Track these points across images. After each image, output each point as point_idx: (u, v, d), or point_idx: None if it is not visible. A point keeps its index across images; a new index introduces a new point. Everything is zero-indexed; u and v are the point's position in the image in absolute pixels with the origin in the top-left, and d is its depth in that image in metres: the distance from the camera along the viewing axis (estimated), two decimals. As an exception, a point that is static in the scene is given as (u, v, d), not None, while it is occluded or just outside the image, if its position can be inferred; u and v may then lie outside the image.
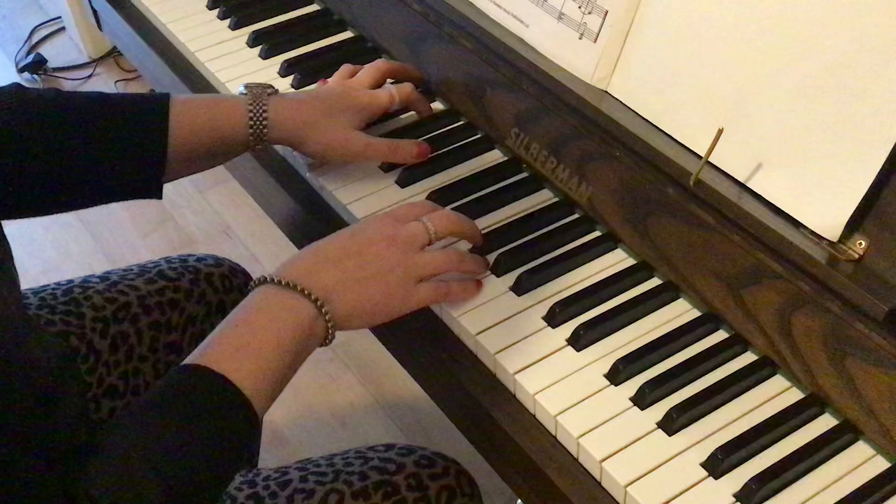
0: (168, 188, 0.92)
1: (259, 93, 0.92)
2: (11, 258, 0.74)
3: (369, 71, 1.01)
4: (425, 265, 0.80)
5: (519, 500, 1.32)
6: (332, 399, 1.70)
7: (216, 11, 1.18)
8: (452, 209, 0.91)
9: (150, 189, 0.90)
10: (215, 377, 0.69)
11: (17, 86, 0.89)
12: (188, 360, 0.71)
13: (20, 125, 0.85)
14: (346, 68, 1.03)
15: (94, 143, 0.87)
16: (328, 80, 1.03)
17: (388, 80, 1.02)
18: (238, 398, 0.69)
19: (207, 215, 2.03)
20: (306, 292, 0.75)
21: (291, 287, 0.75)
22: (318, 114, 0.93)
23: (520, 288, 0.84)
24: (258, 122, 0.91)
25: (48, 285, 1.02)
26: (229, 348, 0.71)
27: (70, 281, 1.03)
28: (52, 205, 0.92)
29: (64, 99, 0.89)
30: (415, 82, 1.03)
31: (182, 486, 0.65)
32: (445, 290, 0.81)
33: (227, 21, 1.16)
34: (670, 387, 0.76)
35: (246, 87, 0.92)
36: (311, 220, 0.96)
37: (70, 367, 0.81)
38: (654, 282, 0.85)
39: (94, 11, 1.32)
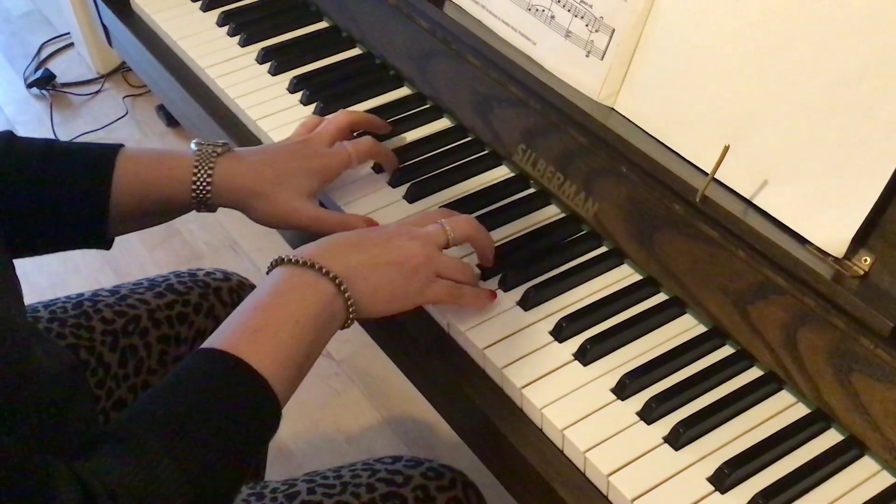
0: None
1: (208, 153, 0.88)
2: (14, 271, 0.73)
3: (329, 126, 0.96)
4: (443, 264, 0.80)
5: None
6: (338, 414, 1.71)
7: (226, 28, 1.19)
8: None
9: (96, 241, 0.89)
10: (232, 360, 0.68)
11: None
12: (205, 343, 0.70)
13: None
14: (309, 120, 0.99)
15: (40, 191, 0.86)
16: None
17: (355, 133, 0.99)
18: (258, 382, 0.68)
19: (214, 230, 2.04)
20: (325, 270, 0.74)
21: (310, 266, 0.74)
22: (265, 182, 0.88)
23: (527, 303, 0.85)
24: (201, 188, 0.88)
25: (58, 298, 1.03)
26: (246, 331, 0.70)
27: (80, 294, 1.03)
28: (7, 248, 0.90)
29: (16, 144, 0.87)
30: (378, 134, 1.01)
31: (202, 470, 0.64)
32: (459, 293, 0.81)
33: (237, 38, 1.17)
34: (677, 402, 0.77)
35: (196, 144, 0.89)
36: (318, 233, 0.97)
37: (78, 378, 0.81)
38: (661, 297, 0.85)
39: (105, 27, 1.33)
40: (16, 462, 0.58)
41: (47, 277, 1.96)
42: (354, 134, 1.00)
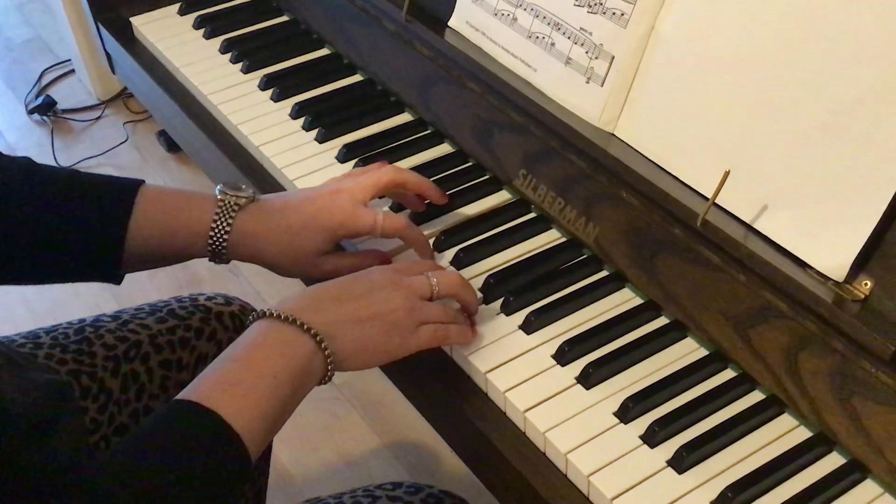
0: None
1: (230, 206, 0.86)
2: None
3: (367, 179, 0.90)
4: (426, 314, 0.80)
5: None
6: (337, 438, 1.70)
7: (228, 56, 1.20)
8: (462, 248, 0.92)
9: (108, 276, 0.89)
10: (205, 413, 0.68)
11: None
12: (181, 394, 0.70)
13: None
14: (360, 171, 0.93)
15: (57, 222, 0.85)
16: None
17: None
18: (228, 435, 0.68)
19: (214, 255, 2.04)
20: (306, 327, 0.74)
21: (291, 321, 0.74)
22: (281, 244, 0.86)
23: (529, 327, 0.85)
24: (217, 242, 0.86)
25: (60, 324, 1.03)
26: (223, 384, 0.70)
27: (82, 320, 1.03)
28: (12, 276, 0.89)
29: (37, 172, 0.87)
30: (430, 198, 0.95)
31: None
32: (445, 334, 0.81)
33: (240, 65, 1.18)
34: (679, 425, 0.76)
35: (221, 192, 0.87)
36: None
37: (63, 403, 0.80)
38: (662, 321, 0.85)
39: (108, 55, 1.33)
40: None
41: (48, 302, 1.95)
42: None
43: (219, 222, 0.86)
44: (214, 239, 0.86)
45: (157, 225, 0.87)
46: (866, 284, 0.72)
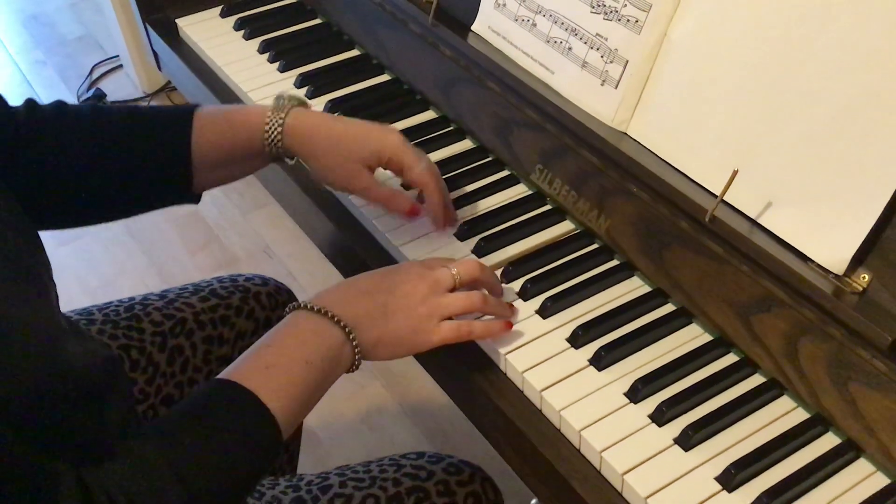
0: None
1: (283, 104, 0.87)
2: (47, 268, 0.70)
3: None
4: (448, 305, 0.78)
5: (533, 501, 1.30)
6: (362, 405, 1.69)
7: (267, 55, 1.17)
8: (482, 238, 0.90)
9: (183, 195, 0.88)
10: (244, 392, 0.68)
11: (58, 102, 0.86)
12: (222, 374, 0.70)
13: (59, 138, 0.83)
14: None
15: (125, 153, 0.85)
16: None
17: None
18: (264, 414, 0.68)
19: (249, 236, 2.03)
20: (336, 319, 0.73)
21: (323, 314, 0.74)
22: (334, 138, 0.87)
23: (545, 311, 0.83)
24: (272, 134, 0.86)
25: (111, 302, 1.02)
26: (260, 366, 0.70)
27: (132, 298, 1.02)
28: (92, 214, 0.89)
29: (99, 113, 0.86)
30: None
31: (203, 493, 0.63)
32: (468, 329, 0.79)
33: (277, 64, 1.16)
34: (686, 405, 0.75)
35: (277, 97, 0.88)
36: (346, 239, 0.96)
37: (116, 370, 0.79)
38: (669, 308, 0.83)
39: (155, 53, 1.31)
40: (22, 466, 0.56)
41: (98, 278, 1.95)
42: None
43: (273, 117, 0.86)
44: (270, 131, 0.86)
45: (217, 137, 0.86)
46: (865, 278, 0.70)
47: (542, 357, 0.79)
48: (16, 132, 0.82)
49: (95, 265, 1.96)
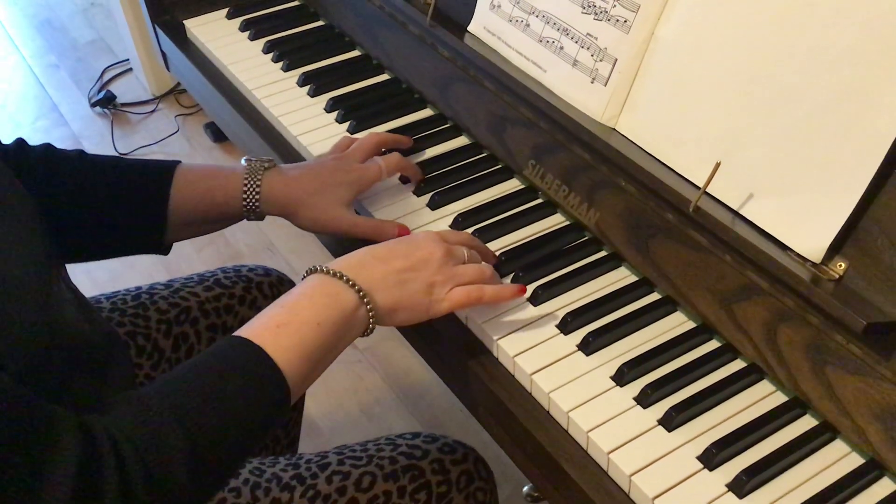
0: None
1: (257, 167, 0.88)
2: (46, 231, 0.70)
3: (362, 145, 0.95)
4: (462, 274, 0.79)
5: (526, 487, 1.31)
6: (360, 395, 1.70)
7: (271, 55, 1.18)
8: (476, 229, 0.91)
9: (156, 247, 0.89)
10: (252, 346, 0.67)
11: (46, 144, 0.87)
12: (234, 333, 0.69)
13: (43, 177, 0.84)
14: (341, 140, 0.98)
15: (104, 202, 0.86)
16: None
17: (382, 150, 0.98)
18: (270, 368, 0.67)
19: (253, 233, 2.04)
20: (351, 282, 0.73)
21: (338, 276, 0.73)
22: (308, 192, 0.88)
23: (536, 299, 0.84)
24: (251, 197, 0.88)
25: (119, 291, 1.02)
26: (271, 325, 0.69)
27: (139, 287, 1.03)
28: (76, 253, 0.88)
29: (84, 159, 0.87)
30: (403, 149, 1.00)
31: (204, 437, 0.62)
32: (479, 294, 0.78)
33: (281, 63, 1.17)
34: (669, 388, 0.75)
35: (246, 160, 0.89)
36: (354, 238, 0.96)
37: (116, 344, 0.79)
38: (655, 296, 0.84)
39: (163, 53, 1.32)
40: (21, 407, 0.56)
41: (108, 273, 1.96)
42: (382, 151, 0.99)
43: (249, 181, 0.88)
44: (248, 195, 0.88)
45: (195, 194, 0.87)
46: (841, 266, 0.71)
47: (533, 342, 0.80)
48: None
49: (105, 261, 1.97)
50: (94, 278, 1.93)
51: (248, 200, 0.88)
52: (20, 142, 0.86)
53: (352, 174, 0.91)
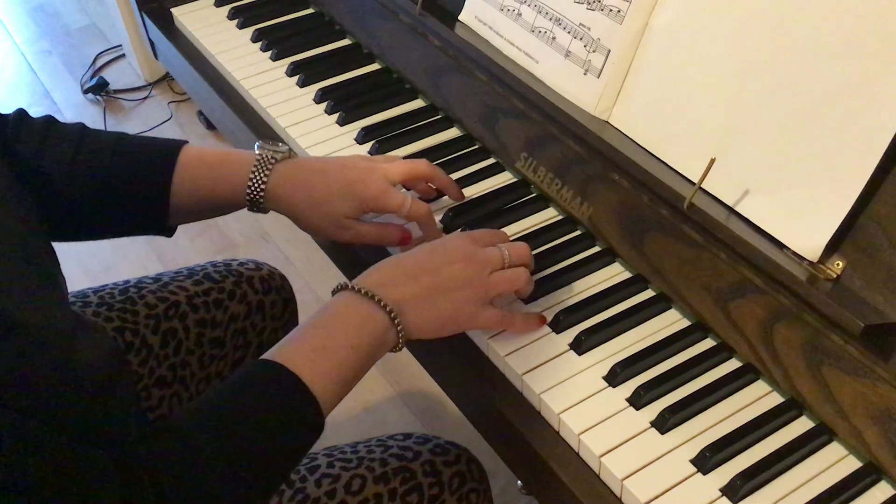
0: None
1: (267, 159, 0.83)
2: (59, 268, 0.70)
3: (403, 166, 0.86)
4: (495, 285, 0.76)
5: (519, 482, 1.30)
6: (357, 390, 1.68)
7: (259, 44, 1.16)
8: (467, 223, 0.89)
9: (158, 228, 0.87)
10: (289, 375, 0.66)
11: (48, 116, 0.85)
12: (266, 355, 0.67)
13: (42, 150, 0.82)
14: (392, 157, 0.90)
15: (105, 178, 0.83)
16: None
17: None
18: (307, 397, 0.66)
19: (247, 222, 2.02)
20: (382, 303, 0.71)
21: (369, 297, 0.71)
22: (315, 199, 0.83)
23: (527, 297, 0.82)
24: (255, 192, 0.84)
25: (107, 285, 1.01)
26: (306, 349, 0.68)
27: (127, 281, 1.01)
28: (58, 232, 0.85)
29: (86, 134, 0.84)
30: (450, 196, 0.91)
31: (246, 473, 0.62)
32: (511, 320, 0.77)
33: (269, 53, 1.14)
34: (663, 389, 0.74)
35: (259, 147, 0.84)
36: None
37: (121, 361, 0.78)
38: (648, 293, 0.83)
39: (151, 41, 1.30)
40: (57, 455, 0.55)
41: (100, 262, 1.94)
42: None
43: (257, 173, 0.83)
44: (252, 188, 0.83)
45: (200, 179, 0.84)
46: (839, 265, 0.69)
47: (524, 342, 0.78)
48: (2, 138, 0.81)
49: (97, 250, 1.95)
50: (86, 267, 1.92)
51: (252, 195, 0.84)
52: (21, 112, 0.83)
53: (369, 191, 0.83)
